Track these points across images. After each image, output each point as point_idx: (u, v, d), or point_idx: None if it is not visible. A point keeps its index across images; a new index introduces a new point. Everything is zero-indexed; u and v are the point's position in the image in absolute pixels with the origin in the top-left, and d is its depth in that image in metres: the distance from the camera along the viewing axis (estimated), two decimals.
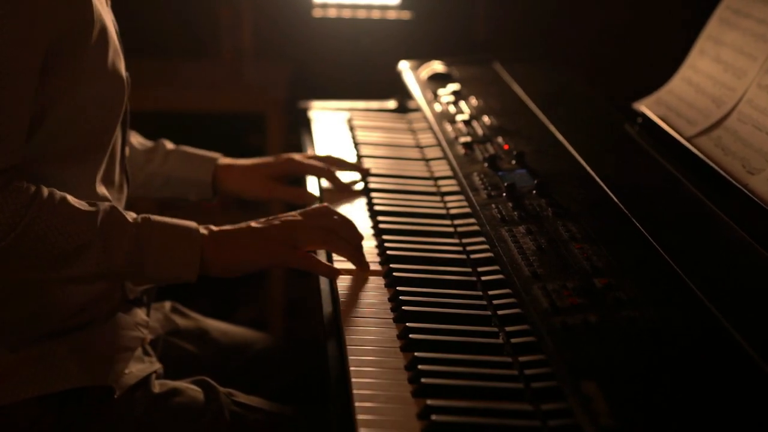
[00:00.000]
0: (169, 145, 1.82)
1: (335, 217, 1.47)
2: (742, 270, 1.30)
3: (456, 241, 1.58)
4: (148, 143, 1.81)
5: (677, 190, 1.54)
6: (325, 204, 1.53)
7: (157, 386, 1.49)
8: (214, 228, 1.42)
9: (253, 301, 3.12)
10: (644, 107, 1.86)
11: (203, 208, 2.76)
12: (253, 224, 1.44)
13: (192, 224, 1.40)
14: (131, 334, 1.51)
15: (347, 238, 1.46)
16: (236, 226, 1.44)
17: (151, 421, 1.44)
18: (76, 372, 1.39)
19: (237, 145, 3.04)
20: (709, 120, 1.70)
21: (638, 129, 1.84)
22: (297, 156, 1.83)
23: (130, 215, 1.36)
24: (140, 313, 1.58)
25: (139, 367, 1.50)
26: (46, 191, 1.31)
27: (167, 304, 1.77)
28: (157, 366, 1.56)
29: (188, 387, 1.51)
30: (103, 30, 1.37)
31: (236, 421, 1.48)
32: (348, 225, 1.48)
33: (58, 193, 1.33)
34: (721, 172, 1.54)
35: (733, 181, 1.50)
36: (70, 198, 1.33)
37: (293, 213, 1.48)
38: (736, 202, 1.47)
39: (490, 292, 1.38)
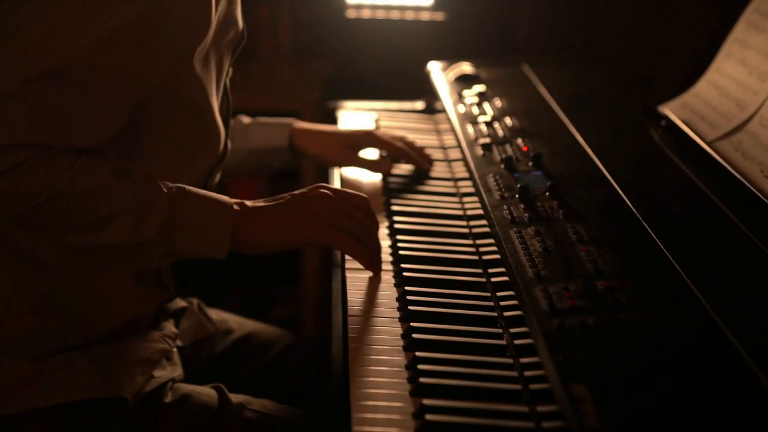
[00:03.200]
0: (246, 119, 1.87)
1: (368, 214, 1.46)
2: (750, 277, 1.27)
3: (470, 242, 1.58)
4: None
5: (693, 195, 1.52)
6: (366, 197, 1.49)
7: (170, 395, 1.48)
8: (248, 204, 1.40)
9: (287, 300, 3.14)
10: (668, 110, 1.85)
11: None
12: (287, 199, 1.42)
13: (226, 199, 1.38)
14: (156, 346, 1.50)
15: (370, 239, 1.46)
16: (269, 201, 1.42)
17: (166, 429, 1.44)
18: (94, 383, 1.39)
19: None
20: (731, 123, 1.68)
21: (661, 132, 1.82)
22: (377, 131, 1.90)
23: (166, 186, 1.35)
24: (169, 326, 1.57)
25: (159, 374, 1.49)
26: (88, 157, 1.30)
27: (194, 302, 1.75)
28: (178, 372, 1.55)
29: (201, 394, 1.49)
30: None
31: (247, 429, 1.47)
32: (375, 227, 1.48)
33: (98, 158, 1.32)
34: (738, 176, 1.52)
35: (750, 186, 1.48)
36: (107, 166, 1.33)
37: (328, 188, 1.45)
38: (751, 208, 1.45)
39: (498, 294, 1.38)
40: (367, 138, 1.87)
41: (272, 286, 3.18)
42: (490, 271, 1.45)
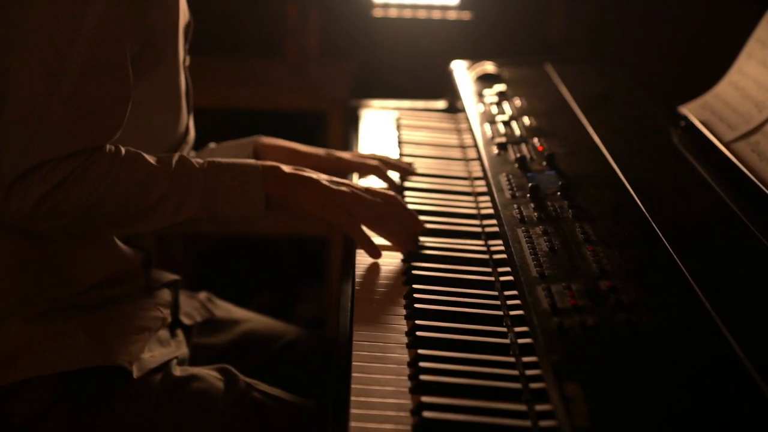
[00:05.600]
0: (213, 144, 1.84)
1: (403, 212, 1.55)
2: (758, 282, 1.26)
3: (482, 241, 1.58)
4: (193, 152, 1.84)
5: (706, 196, 1.51)
6: (396, 195, 1.58)
7: (178, 371, 1.52)
8: (284, 168, 1.50)
9: (313, 298, 3.15)
10: (687, 110, 1.83)
11: None
12: (324, 180, 1.52)
13: (253, 163, 1.49)
14: (150, 314, 1.54)
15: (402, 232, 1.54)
16: (306, 172, 1.52)
17: (170, 404, 1.47)
18: (91, 352, 1.43)
19: (303, 143, 3.07)
20: (749, 124, 1.66)
21: (680, 133, 1.81)
22: (346, 155, 1.81)
23: (198, 162, 1.45)
24: (163, 294, 1.61)
25: (162, 351, 1.53)
26: (123, 150, 1.39)
27: (202, 295, 1.81)
28: (183, 351, 1.59)
29: (209, 373, 1.53)
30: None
31: (254, 409, 1.50)
32: (412, 222, 1.55)
33: (133, 151, 1.41)
34: (753, 178, 1.50)
35: (764, 189, 1.47)
36: (144, 155, 1.41)
37: (361, 186, 1.55)
38: (765, 211, 1.43)
39: (506, 293, 1.38)
40: (337, 164, 1.77)
41: (299, 284, 3.20)
42: (499, 270, 1.45)
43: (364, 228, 1.53)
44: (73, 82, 1.32)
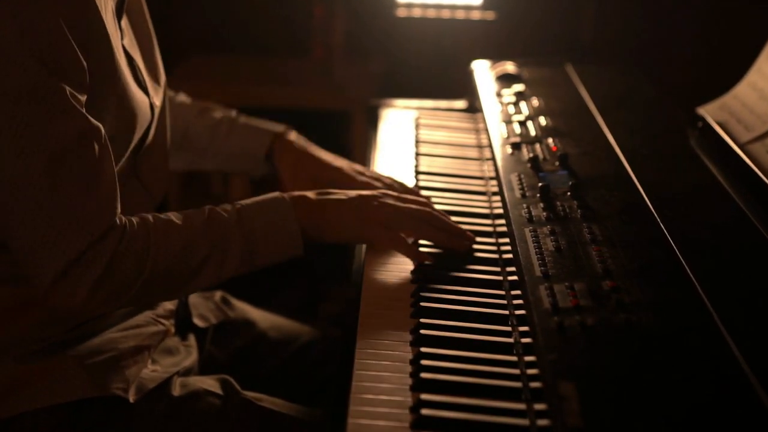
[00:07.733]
0: (218, 113, 1.75)
1: (433, 212, 1.51)
2: (764, 286, 1.25)
3: (493, 240, 1.58)
4: (216, 116, 1.76)
5: (718, 198, 1.50)
6: (425, 200, 1.56)
7: (178, 388, 1.46)
8: (309, 196, 1.43)
9: (338, 296, 3.16)
10: (704, 111, 1.82)
11: None
12: (353, 197, 1.45)
13: (280, 197, 1.42)
14: (149, 330, 1.49)
15: (439, 226, 1.50)
16: (333, 195, 1.46)
17: (167, 427, 1.42)
18: (84, 383, 1.38)
19: (327, 143, 3.09)
20: (765, 126, 1.65)
21: (697, 134, 1.80)
22: (349, 171, 1.70)
23: (226, 210, 1.39)
24: (164, 304, 1.56)
25: (170, 361, 1.50)
26: (151, 219, 1.35)
27: (217, 295, 1.78)
28: (192, 358, 1.56)
29: (208, 390, 1.47)
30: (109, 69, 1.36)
31: (253, 427, 1.46)
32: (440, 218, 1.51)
33: (163, 218, 1.36)
34: (766, 180, 1.49)
35: None
36: (172, 216, 1.36)
37: (389, 193, 1.50)
38: None
39: (512, 292, 1.38)
40: (336, 174, 1.67)
41: (323, 282, 3.21)
42: (508, 269, 1.45)
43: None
44: (49, 173, 1.23)
